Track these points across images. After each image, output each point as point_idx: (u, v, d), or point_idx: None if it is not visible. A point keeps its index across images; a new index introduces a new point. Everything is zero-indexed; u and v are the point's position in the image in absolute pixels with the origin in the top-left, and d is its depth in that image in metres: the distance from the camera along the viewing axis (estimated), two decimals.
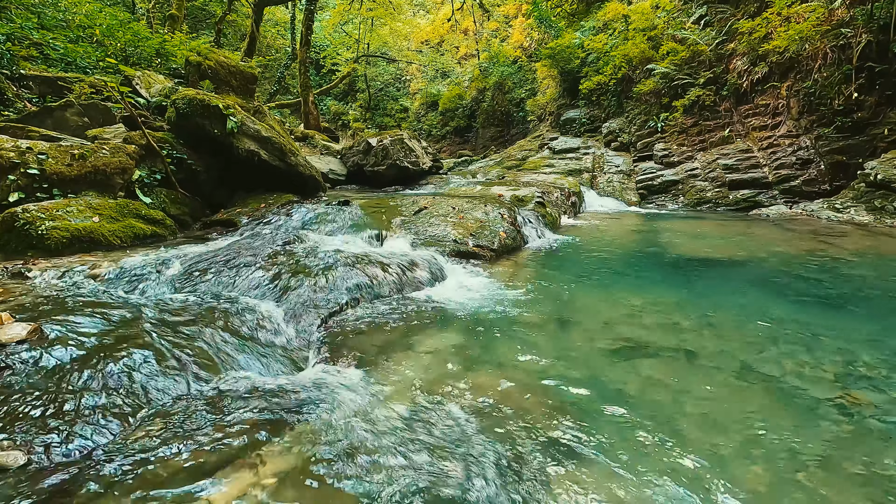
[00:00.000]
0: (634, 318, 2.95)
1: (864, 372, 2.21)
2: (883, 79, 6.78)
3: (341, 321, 2.85)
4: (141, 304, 2.54)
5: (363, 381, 2.10)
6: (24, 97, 6.65)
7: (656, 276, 4.06)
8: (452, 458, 1.56)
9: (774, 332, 2.67)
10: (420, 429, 1.72)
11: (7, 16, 7.29)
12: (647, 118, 10.28)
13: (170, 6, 13.47)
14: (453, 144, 19.30)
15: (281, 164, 5.91)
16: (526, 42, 17.56)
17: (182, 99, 5.33)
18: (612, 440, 1.70)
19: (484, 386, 2.08)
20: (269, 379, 2.09)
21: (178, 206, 5.17)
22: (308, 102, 15.83)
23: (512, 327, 2.79)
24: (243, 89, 6.98)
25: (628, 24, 11.27)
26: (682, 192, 8.94)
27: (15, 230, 3.64)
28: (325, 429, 1.68)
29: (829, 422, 1.83)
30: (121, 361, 1.90)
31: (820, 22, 7.34)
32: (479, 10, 20.82)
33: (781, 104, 8.12)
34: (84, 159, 4.42)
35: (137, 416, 1.70)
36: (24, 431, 1.52)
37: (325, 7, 23.66)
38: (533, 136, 14.26)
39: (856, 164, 7.05)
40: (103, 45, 8.62)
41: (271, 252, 3.63)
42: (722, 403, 1.96)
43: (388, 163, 9.61)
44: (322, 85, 22.61)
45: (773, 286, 3.60)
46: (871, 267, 4.07)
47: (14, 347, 1.87)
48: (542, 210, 6.18)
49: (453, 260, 4.26)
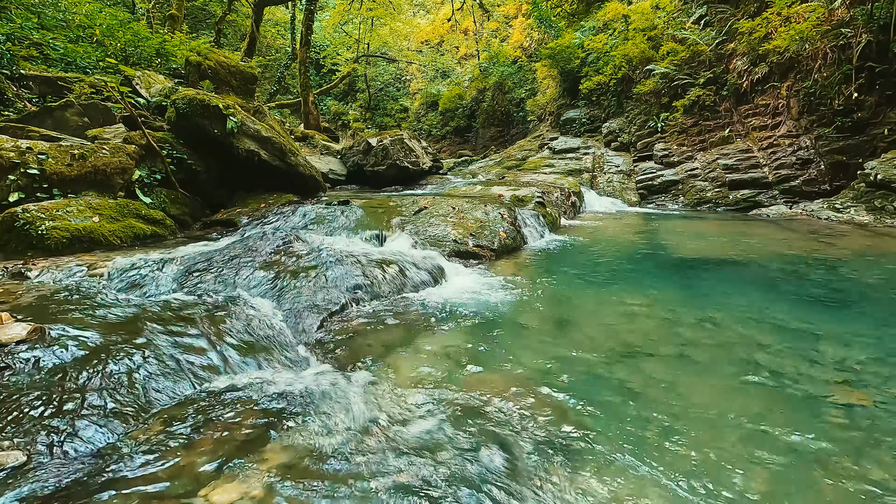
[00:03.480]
0: (634, 318, 2.94)
1: (865, 372, 2.21)
2: (883, 79, 6.78)
3: (341, 321, 2.85)
4: (141, 304, 2.54)
5: (363, 381, 2.10)
6: (24, 97, 6.65)
7: (656, 275, 4.06)
8: (452, 457, 1.56)
9: (775, 332, 2.67)
10: (420, 429, 1.72)
11: (7, 16, 7.29)
12: (647, 118, 10.28)
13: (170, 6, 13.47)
14: (453, 144, 19.30)
15: (281, 164, 5.91)
16: (526, 42, 17.56)
17: (182, 99, 5.33)
18: (612, 439, 1.70)
19: (484, 386, 2.08)
20: (268, 379, 2.09)
21: (178, 206, 5.17)
22: (308, 102, 15.84)
23: (512, 327, 2.79)
24: (243, 89, 6.98)
25: (628, 24, 11.27)
26: (682, 192, 8.94)
27: (15, 230, 3.64)
28: (324, 429, 1.68)
29: (829, 421, 1.83)
30: (121, 361, 1.90)
31: (820, 22, 7.34)
32: (479, 10, 20.81)
33: (781, 104, 8.12)
34: (84, 159, 4.42)
35: (137, 417, 1.70)
36: (23, 431, 1.52)
37: (325, 7, 23.66)
38: (533, 136, 14.26)
39: (856, 164, 7.05)
40: (103, 45, 8.62)
41: (271, 252, 3.63)
42: (722, 403, 1.96)
43: (388, 163, 9.61)
44: (322, 85, 22.61)
45: (773, 286, 3.60)
46: (871, 267, 4.07)
47: (14, 347, 1.86)
48: (542, 210, 6.18)
49: (453, 260, 4.26)
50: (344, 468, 1.47)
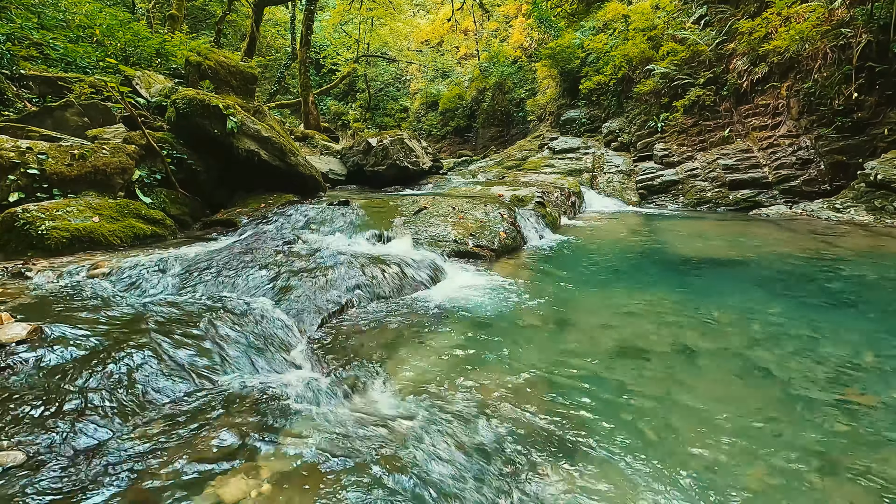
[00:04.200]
0: (634, 318, 2.94)
1: (865, 371, 2.21)
2: (883, 79, 6.78)
3: (341, 321, 2.85)
4: (141, 304, 2.54)
5: (363, 381, 2.10)
6: (24, 97, 6.65)
7: (656, 275, 4.06)
8: (451, 457, 1.56)
9: (775, 332, 2.67)
10: (419, 429, 1.72)
11: (7, 16, 7.29)
12: (647, 118, 10.28)
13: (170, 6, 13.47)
14: (453, 144, 19.30)
15: (281, 164, 5.91)
16: (526, 42, 17.55)
17: (182, 99, 5.33)
18: (612, 439, 1.70)
19: (484, 386, 2.08)
20: (268, 379, 2.09)
21: (178, 206, 5.17)
22: (308, 102, 15.84)
23: (512, 327, 2.79)
24: (243, 89, 6.98)
25: (628, 24, 11.26)
26: (682, 192, 8.94)
27: (15, 230, 3.64)
28: (324, 429, 1.68)
29: (829, 421, 1.83)
30: (121, 362, 1.90)
31: (820, 22, 7.34)
32: (479, 10, 20.81)
33: (781, 104, 8.12)
34: (84, 159, 4.42)
35: (137, 417, 1.70)
36: (23, 431, 1.52)
37: (325, 7, 23.66)
38: (533, 136, 14.26)
39: (856, 164, 7.04)
40: (103, 45, 8.62)
41: (271, 252, 3.63)
42: (722, 403, 1.96)
43: (388, 163, 9.61)
44: (322, 85, 22.60)
45: (773, 286, 3.60)
46: (871, 267, 4.07)
47: (14, 347, 1.87)
48: (542, 210, 6.18)
49: (453, 260, 4.26)
50: (343, 468, 1.47)
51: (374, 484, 1.40)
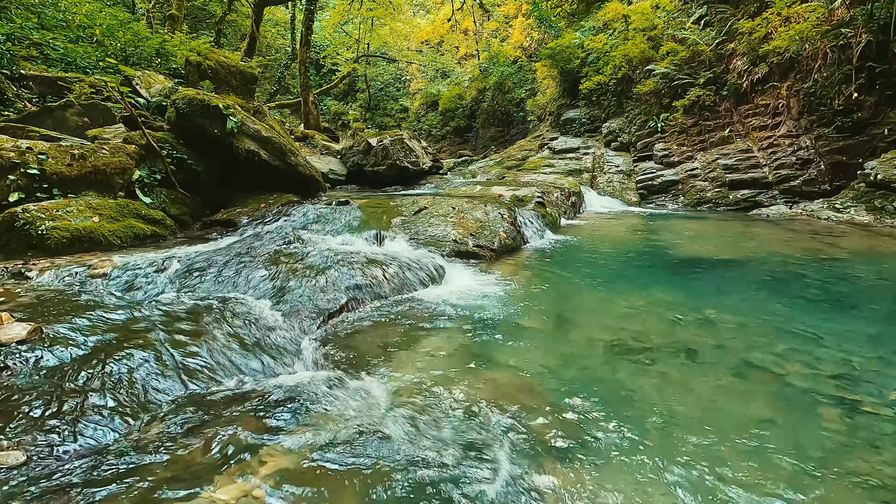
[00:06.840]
0: (634, 318, 2.94)
1: (864, 371, 2.20)
2: (883, 79, 6.78)
3: (341, 322, 2.85)
4: (141, 305, 2.54)
5: (362, 381, 2.10)
6: (24, 97, 6.66)
7: (656, 275, 4.06)
8: (451, 457, 1.56)
9: (774, 332, 2.67)
10: (419, 428, 1.72)
11: (7, 16, 7.29)
12: (647, 118, 10.28)
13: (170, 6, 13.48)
14: (453, 144, 19.29)
15: (281, 163, 5.91)
16: (526, 42, 17.55)
17: (182, 99, 5.33)
18: (612, 439, 1.70)
19: (484, 386, 2.08)
20: (268, 379, 2.09)
21: (178, 206, 5.17)
22: (308, 102, 15.84)
23: (512, 327, 2.79)
24: (243, 89, 6.98)
25: (628, 24, 11.27)
26: (682, 192, 8.94)
27: (15, 230, 3.64)
28: (323, 429, 1.68)
29: (829, 421, 1.83)
30: (121, 362, 1.90)
31: (820, 22, 7.34)
32: (479, 10, 20.81)
33: (781, 104, 8.12)
34: (84, 159, 4.42)
35: (137, 417, 1.70)
36: (23, 431, 1.52)
37: (325, 7, 23.66)
38: (533, 136, 14.26)
39: (856, 164, 7.04)
40: (103, 45, 8.62)
41: (271, 252, 3.63)
42: (722, 403, 1.96)
43: (388, 163, 9.62)
44: (322, 85, 22.60)
45: (773, 286, 3.60)
46: (871, 267, 4.07)
47: (14, 347, 1.86)
48: (542, 210, 6.18)
49: (453, 260, 4.26)
50: (343, 468, 1.47)
51: (375, 484, 1.40)
